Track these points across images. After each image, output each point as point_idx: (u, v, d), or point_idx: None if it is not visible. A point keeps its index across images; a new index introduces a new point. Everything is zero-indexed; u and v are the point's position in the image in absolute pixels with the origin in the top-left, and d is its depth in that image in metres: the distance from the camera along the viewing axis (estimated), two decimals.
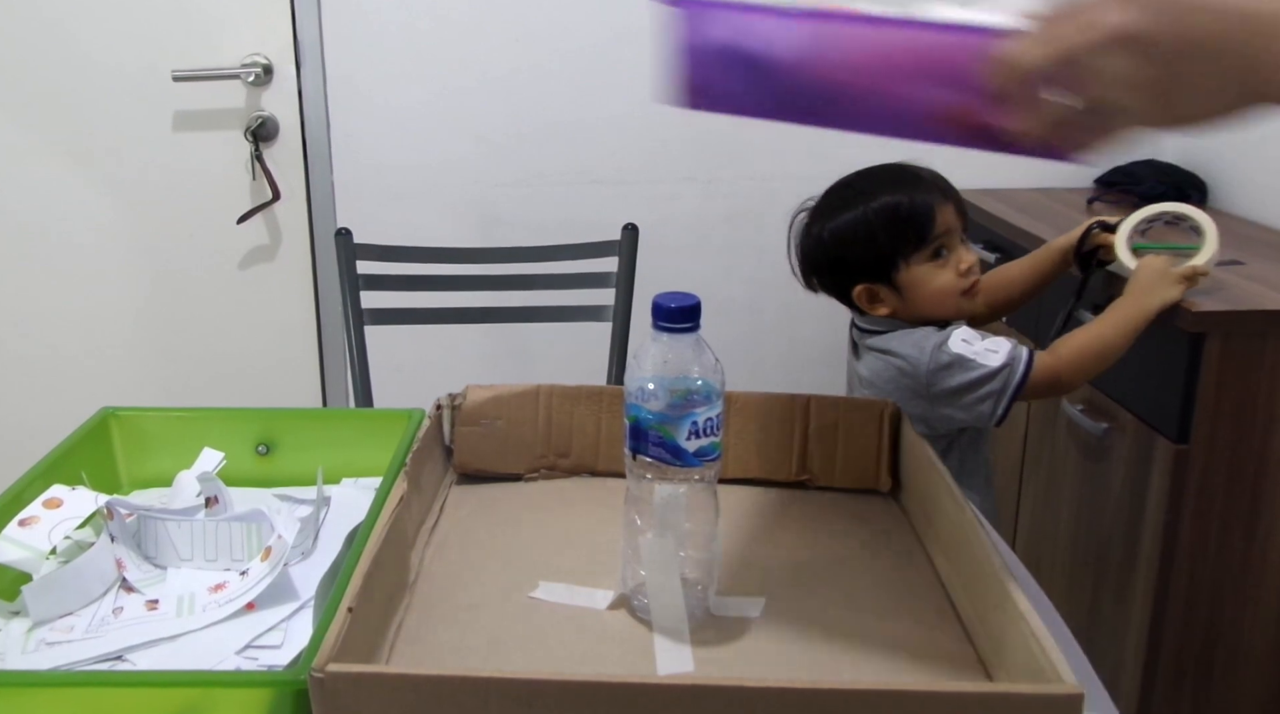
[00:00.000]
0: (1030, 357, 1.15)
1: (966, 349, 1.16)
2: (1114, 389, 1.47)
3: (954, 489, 0.74)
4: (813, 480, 0.88)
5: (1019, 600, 0.60)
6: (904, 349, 1.18)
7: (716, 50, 0.60)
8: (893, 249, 1.18)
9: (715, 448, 0.68)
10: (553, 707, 0.54)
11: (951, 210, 1.18)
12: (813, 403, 0.87)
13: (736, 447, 0.86)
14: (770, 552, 0.78)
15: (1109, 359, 1.21)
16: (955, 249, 1.19)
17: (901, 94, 0.57)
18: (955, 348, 1.15)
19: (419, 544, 0.77)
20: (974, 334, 1.18)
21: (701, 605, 0.70)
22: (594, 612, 0.70)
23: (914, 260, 1.18)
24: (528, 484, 0.88)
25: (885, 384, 1.21)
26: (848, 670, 0.64)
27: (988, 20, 0.54)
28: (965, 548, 0.71)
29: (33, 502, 0.80)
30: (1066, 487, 1.60)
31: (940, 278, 1.18)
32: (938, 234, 1.17)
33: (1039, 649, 0.56)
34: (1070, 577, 1.59)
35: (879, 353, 1.21)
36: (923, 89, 0.56)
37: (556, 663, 0.65)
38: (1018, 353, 1.15)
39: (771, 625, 0.69)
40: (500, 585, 0.72)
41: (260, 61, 1.87)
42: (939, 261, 1.19)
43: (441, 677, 0.55)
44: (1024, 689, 0.56)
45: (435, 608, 0.70)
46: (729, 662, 0.65)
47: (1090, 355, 1.19)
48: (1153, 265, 1.26)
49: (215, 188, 1.92)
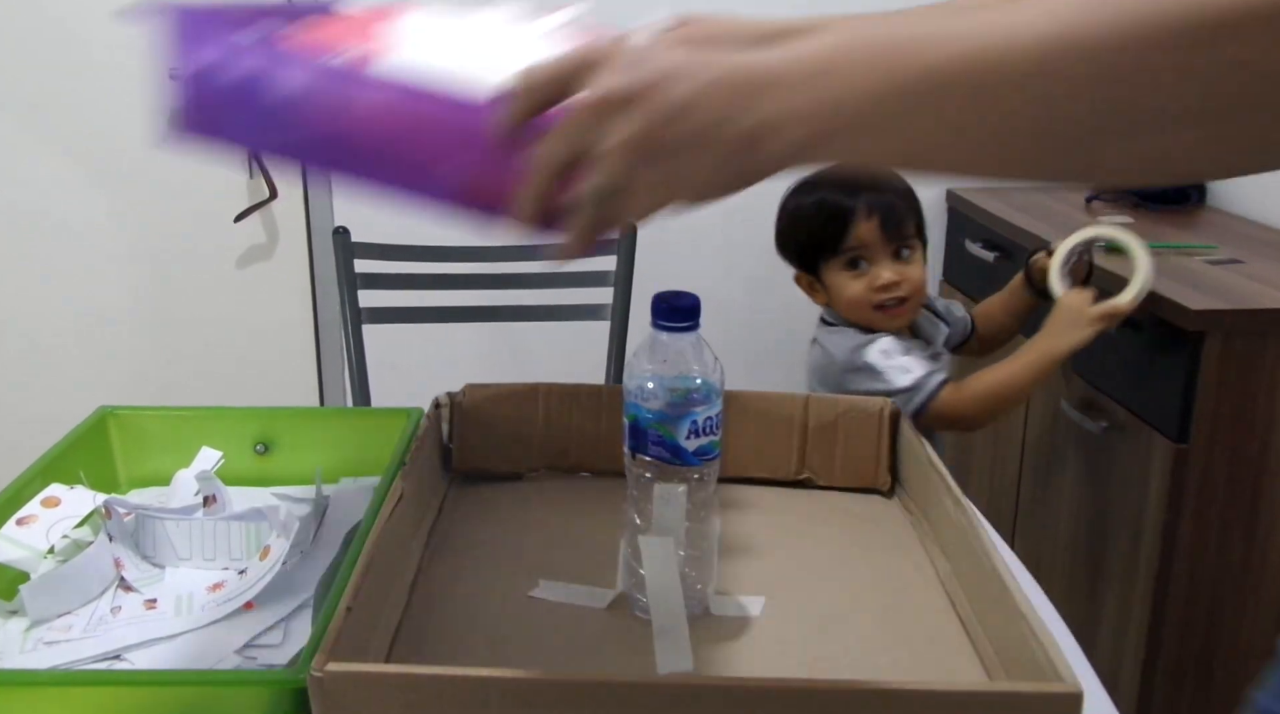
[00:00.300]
0: (938, 388, 1.18)
1: (881, 361, 1.21)
2: (1113, 388, 1.47)
3: (954, 489, 0.74)
4: (812, 480, 0.88)
5: (1018, 600, 0.60)
6: (829, 344, 1.24)
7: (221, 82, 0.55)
8: (814, 247, 1.24)
9: (714, 447, 0.68)
10: (553, 706, 0.54)
11: (876, 226, 1.20)
12: (812, 402, 0.87)
13: (736, 446, 0.85)
14: (769, 551, 0.78)
15: (1016, 401, 1.23)
16: (875, 263, 1.22)
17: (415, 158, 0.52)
18: (870, 357, 1.21)
19: (418, 543, 0.77)
20: (896, 347, 1.21)
21: (701, 604, 0.70)
22: (593, 611, 0.70)
23: (832, 264, 1.23)
24: (527, 483, 0.88)
25: (812, 374, 1.27)
26: (847, 669, 0.64)
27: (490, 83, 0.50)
28: (964, 547, 0.70)
29: (30, 500, 0.80)
30: (1066, 486, 1.60)
31: (853, 287, 1.22)
32: (852, 246, 1.21)
33: (1038, 648, 0.56)
34: (1069, 576, 1.59)
35: (817, 342, 1.27)
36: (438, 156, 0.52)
37: (556, 662, 0.65)
38: (927, 381, 1.19)
39: (771, 624, 0.69)
40: (499, 584, 0.72)
41: None
42: (855, 271, 1.23)
43: (441, 676, 0.54)
44: (1024, 688, 0.55)
45: (434, 607, 0.70)
46: (728, 661, 0.65)
47: (996, 397, 1.21)
48: (1070, 303, 1.24)
49: (212, 186, 1.92)
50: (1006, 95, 0.41)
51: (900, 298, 1.22)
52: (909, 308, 1.24)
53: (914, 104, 0.42)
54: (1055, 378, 1.62)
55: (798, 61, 0.44)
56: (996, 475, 1.85)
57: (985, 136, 0.42)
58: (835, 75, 0.43)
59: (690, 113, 0.44)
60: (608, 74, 0.46)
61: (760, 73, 0.44)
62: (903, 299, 1.23)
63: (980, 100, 0.41)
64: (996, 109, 0.41)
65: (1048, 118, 0.41)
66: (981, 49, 0.41)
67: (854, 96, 0.43)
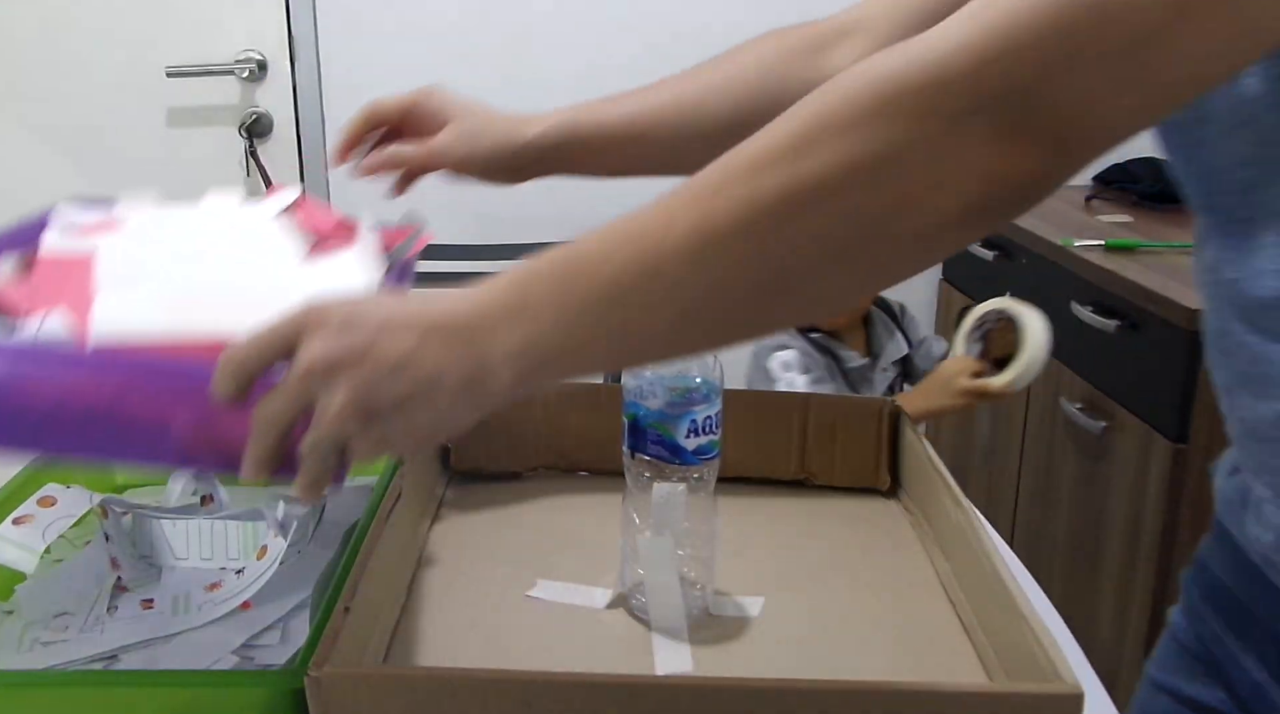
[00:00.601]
0: None
1: (777, 370, 1.25)
2: (1113, 388, 1.47)
3: (953, 488, 0.74)
4: (811, 479, 0.87)
5: (1018, 600, 0.60)
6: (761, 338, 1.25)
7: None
8: None
9: (714, 446, 0.68)
10: (551, 706, 0.54)
11: None
12: (812, 401, 0.87)
13: (735, 445, 0.85)
14: (769, 550, 0.78)
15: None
16: None
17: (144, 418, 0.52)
18: (770, 362, 1.24)
19: (416, 543, 0.77)
20: (796, 363, 1.25)
21: (700, 604, 0.69)
22: (592, 611, 0.70)
23: None
24: (525, 482, 0.88)
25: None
26: (847, 669, 0.64)
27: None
28: (964, 547, 0.70)
29: (27, 500, 0.80)
30: (1065, 486, 1.60)
31: None
32: None
33: (1039, 649, 0.55)
34: (1068, 576, 1.59)
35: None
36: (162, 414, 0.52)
37: (554, 662, 0.64)
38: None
39: (770, 624, 0.69)
40: (498, 584, 0.72)
41: (254, 57, 1.87)
42: None
43: (439, 676, 0.55)
44: (1024, 689, 0.55)
45: (432, 607, 0.70)
46: (728, 661, 0.65)
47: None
48: (947, 369, 1.22)
49: (209, 184, 1.90)
50: (670, 291, 0.45)
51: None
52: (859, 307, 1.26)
53: (598, 320, 0.46)
54: (1055, 377, 1.62)
55: (494, 304, 0.48)
56: (996, 475, 1.85)
57: (666, 327, 0.47)
58: (527, 312, 0.47)
59: (406, 370, 0.46)
60: (322, 338, 0.47)
61: (464, 320, 0.47)
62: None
63: (652, 301, 0.46)
64: (669, 304, 0.46)
65: (714, 299, 0.45)
66: (640, 256, 0.45)
67: (547, 328, 0.47)
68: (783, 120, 0.45)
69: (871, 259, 0.45)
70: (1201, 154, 0.57)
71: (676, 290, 0.45)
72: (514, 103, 2.21)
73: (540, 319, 0.47)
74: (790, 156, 0.43)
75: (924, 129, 0.41)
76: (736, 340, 0.50)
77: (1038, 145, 0.41)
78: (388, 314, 0.48)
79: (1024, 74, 0.40)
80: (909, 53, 0.42)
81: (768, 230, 0.43)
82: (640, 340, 0.48)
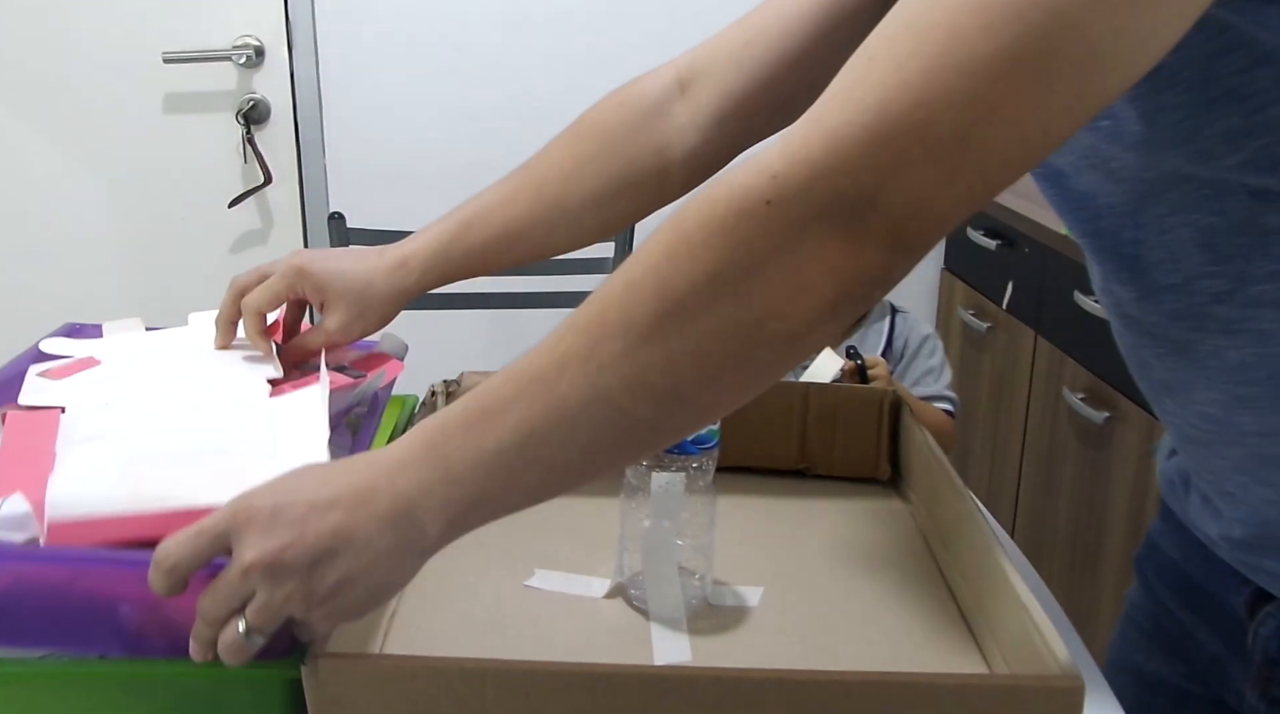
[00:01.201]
0: None
1: None
2: (1115, 377, 1.46)
3: (954, 478, 0.73)
4: (811, 469, 0.87)
5: (1019, 590, 0.59)
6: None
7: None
8: None
9: (713, 435, 0.67)
10: (549, 695, 0.53)
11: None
12: (811, 391, 0.87)
13: (734, 434, 0.85)
14: (768, 540, 0.78)
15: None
16: None
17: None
18: None
19: None
20: None
21: (699, 594, 0.69)
22: (590, 600, 0.69)
23: None
24: None
25: None
26: (846, 660, 0.64)
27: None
28: (965, 537, 0.70)
29: None
30: (1067, 475, 1.60)
31: None
32: None
33: (1039, 639, 0.55)
34: (1070, 566, 1.59)
35: None
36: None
37: (552, 652, 0.64)
38: None
39: (769, 614, 0.68)
40: (496, 574, 0.72)
41: (252, 43, 1.85)
42: None
43: (437, 665, 0.54)
44: (1024, 679, 0.55)
45: (430, 596, 0.69)
46: (726, 651, 0.65)
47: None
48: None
49: (206, 171, 1.90)
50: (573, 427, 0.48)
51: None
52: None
53: (513, 463, 0.49)
54: (1057, 367, 1.61)
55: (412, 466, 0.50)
56: (997, 465, 1.85)
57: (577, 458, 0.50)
58: (444, 470, 0.50)
59: (340, 551, 0.49)
60: (254, 536, 0.49)
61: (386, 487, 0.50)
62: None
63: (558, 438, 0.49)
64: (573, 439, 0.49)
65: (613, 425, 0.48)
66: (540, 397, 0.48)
67: (467, 482, 0.49)
68: (647, 245, 0.47)
69: (752, 364, 0.47)
70: (1068, 188, 0.59)
71: (579, 425, 0.48)
72: (513, 87, 2.20)
73: (459, 475, 0.49)
74: (655, 280, 0.46)
75: (777, 239, 0.44)
76: (646, 453, 0.54)
77: (878, 243, 0.44)
78: (312, 495, 0.50)
79: (859, 180, 0.43)
80: (758, 167, 0.44)
81: (650, 354, 0.46)
82: (557, 474, 0.51)
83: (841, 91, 0.44)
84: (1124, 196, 0.56)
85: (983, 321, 1.89)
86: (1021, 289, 1.77)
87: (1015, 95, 0.41)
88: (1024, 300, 1.77)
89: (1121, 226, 0.57)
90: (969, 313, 1.94)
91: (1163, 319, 0.58)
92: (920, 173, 0.42)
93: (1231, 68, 0.47)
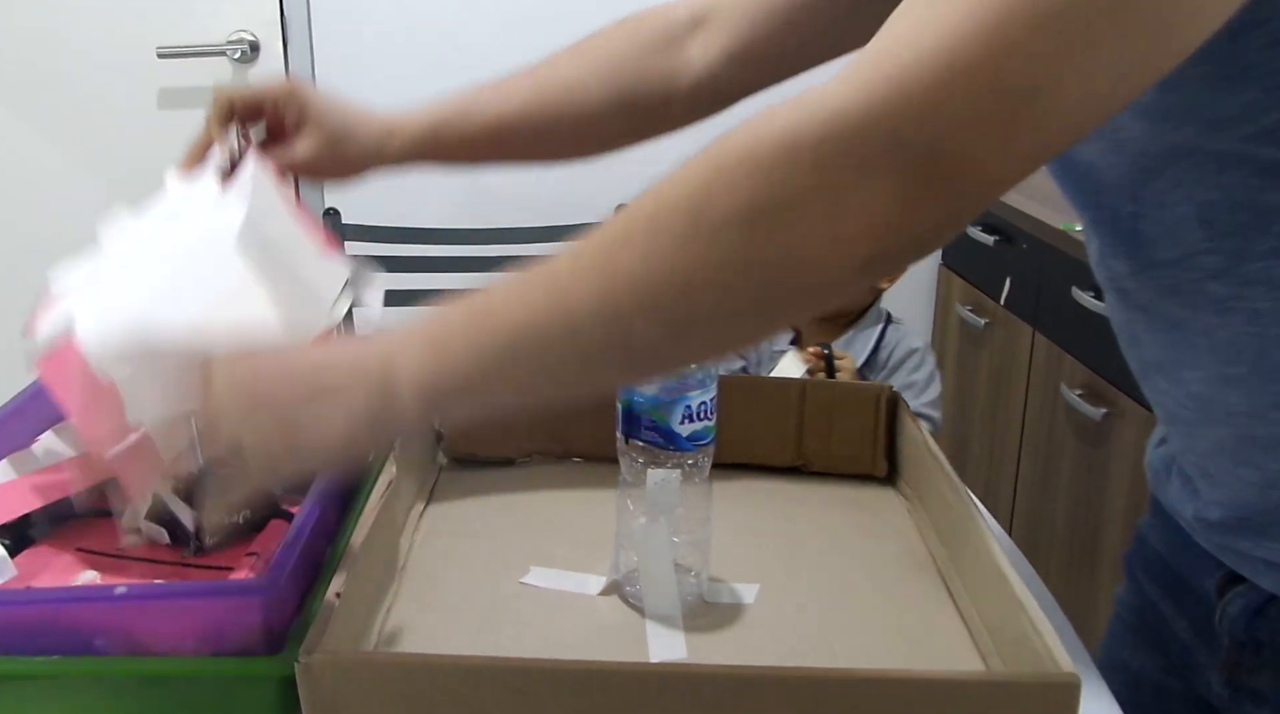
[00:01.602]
0: None
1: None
2: (1113, 373, 1.46)
3: (951, 475, 0.73)
4: (807, 466, 0.87)
5: (1015, 587, 0.59)
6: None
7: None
8: None
9: (709, 432, 0.67)
10: (544, 693, 0.53)
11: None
12: (808, 387, 0.86)
13: (730, 431, 0.84)
14: (764, 537, 0.77)
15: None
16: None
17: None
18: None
19: (408, 529, 0.76)
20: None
21: (695, 591, 0.69)
22: (586, 598, 0.69)
23: None
24: (519, 468, 0.87)
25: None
26: (842, 657, 0.63)
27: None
28: (962, 534, 0.70)
29: None
30: (1064, 472, 1.60)
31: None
32: None
33: (1035, 636, 0.55)
34: (1067, 563, 1.59)
35: None
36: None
37: (548, 649, 0.64)
38: None
39: (765, 612, 0.68)
40: (491, 571, 0.72)
41: (246, 38, 1.85)
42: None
43: (431, 663, 0.54)
44: (1020, 677, 0.55)
45: (425, 593, 0.69)
46: (722, 648, 0.65)
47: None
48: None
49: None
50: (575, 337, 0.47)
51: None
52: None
53: (506, 358, 0.48)
54: (1055, 364, 1.61)
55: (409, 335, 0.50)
56: (994, 462, 1.84)
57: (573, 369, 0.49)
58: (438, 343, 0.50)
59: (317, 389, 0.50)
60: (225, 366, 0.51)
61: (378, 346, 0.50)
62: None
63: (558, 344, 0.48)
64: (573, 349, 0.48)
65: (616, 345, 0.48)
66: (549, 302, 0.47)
67: (458, 362, 0.49)
68: (681, 172, 0.46)
69: (770, 306, 0.46)
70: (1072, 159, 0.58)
71: (581, 334, 0.47)
72: None
73: (450, 352, 0.49)
74: (688, 207, 0.44)
75: (824, 179, 0.42)
76: (639, 379, 0.53)
77: (931, 198, 0.42)
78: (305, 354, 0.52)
79: (921, 129, 0.41)
80: (810, 105, 0.43)
81: (670, 278, 0.45)
82: (548, 379, 0.50)
83: (905, 35, 0.42)
84: (1126, 169, 0.55)
85: (980, 318, 1.89)
86: (1019, 285, 1.77)
87: (1088, 50, 0.39)
88: (1022, 297, 1.77)
89: (1121, 200, 0.57)
90: (966, 309, 1.94)
91: (1156, 295, 0.58)
92: (985, 128, 0.41)
93: (1259, 42, 0.46)
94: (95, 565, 0.69)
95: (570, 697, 0.53)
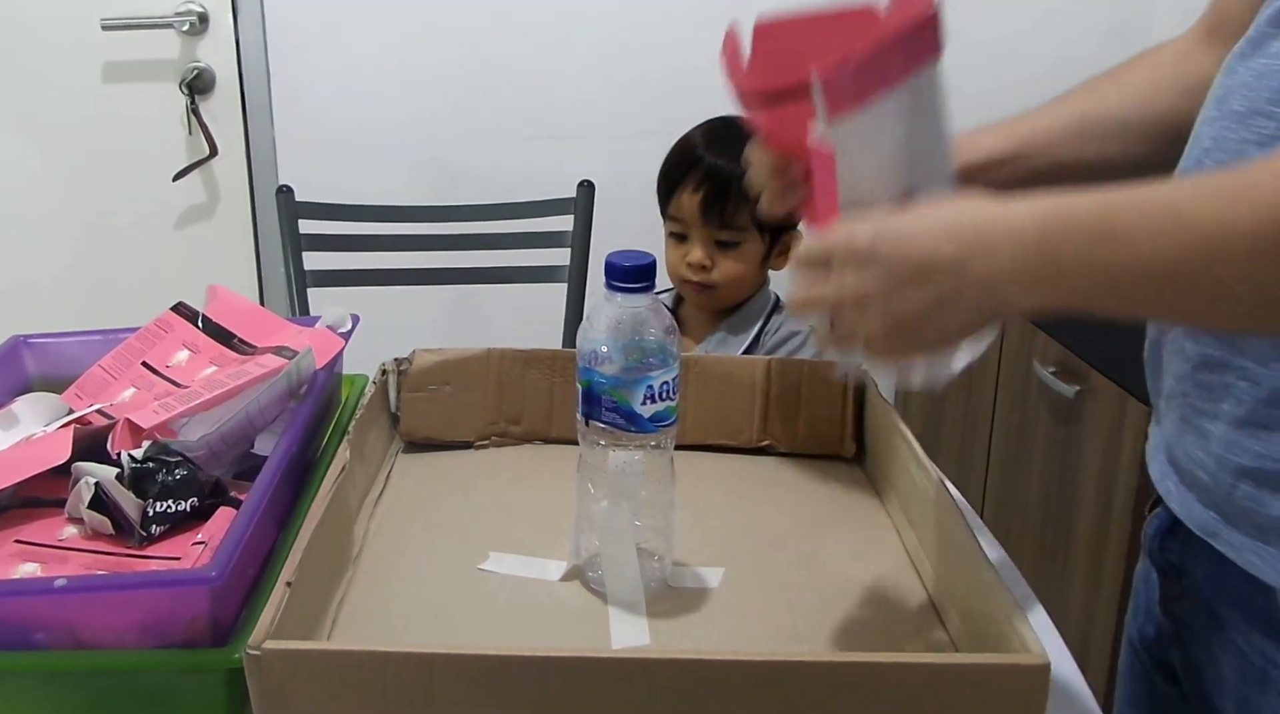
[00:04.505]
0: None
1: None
2: (1086, 351, 1.46)
3: (920, 455, 0.72)
4: (774, 446, 0.86)
5: (985, 569, 0.59)
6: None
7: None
8: (661, 197, 1.21)
9: (671, 413, 0.66)
10: (501, 683, 0.52)
11: (698, 203, 1.14)
12: (774, 366, 0.85)
13: (694, 411, 0.83)
14: (730, 520, 0.76)
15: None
16: (689, 239, 1.18)
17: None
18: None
19: (363, 515, 0.74)
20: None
21: (658, 576, 0.68)
22: (546, 584, 0.68)
23: (666, 224, 1.21)
24: (477, 452, 0.85)
25: None
26: (809, 641, 0.63)
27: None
28: (931, 515, 0.69)
29: None
30: (1037, 451, 1.60)
31: (671, 254, 1.20)
32: (674, 215, 1.19)
33: (1005, 619, 0.54)
34: (1039, 544, 1.59)
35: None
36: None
37: (507, 637, 0.63)
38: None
39: (730, 596, 0.67)
40: (448, 557, 0.70)
41: (195, 9, 1.80)
42: (675, 239, 1.20)
43: (385, 653, 0.52)
44: (990, 660, 0.54)
45: (379, 582, 0.68)
46: (686, 634, 0.64)
47: None
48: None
49: (149, 143, 1.85)
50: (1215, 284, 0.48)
51: (704, 283, 1.16)
52: (715, 298, 1.18)
53: (1125, 294, 0.50)
54: (1028, 341, 1.61)
55: (1022, 252, 0.51)
56: (966, 441, 1.85)
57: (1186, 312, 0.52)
58: (1053, 269, 0.51)
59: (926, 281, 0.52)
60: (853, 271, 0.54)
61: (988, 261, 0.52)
62: (707, 286, 1.16)
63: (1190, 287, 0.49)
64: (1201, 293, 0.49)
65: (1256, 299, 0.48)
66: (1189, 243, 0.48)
67: (1066, 290, 0.51)
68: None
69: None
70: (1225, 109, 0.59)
71: (1221, 283, 0.48)
72: (468, 56, 2.14)
73: (1063, 274, 0.50)
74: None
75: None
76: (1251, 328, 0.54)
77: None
78: (930, 221, 0.53)
79: None
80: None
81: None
82: (1138, 313, 0.53)
83: None
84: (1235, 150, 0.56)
85: None
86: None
87: None
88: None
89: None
90: None
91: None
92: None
93: None
94: (35, 557, 0.66)
95: (525, 686, 0.52)
